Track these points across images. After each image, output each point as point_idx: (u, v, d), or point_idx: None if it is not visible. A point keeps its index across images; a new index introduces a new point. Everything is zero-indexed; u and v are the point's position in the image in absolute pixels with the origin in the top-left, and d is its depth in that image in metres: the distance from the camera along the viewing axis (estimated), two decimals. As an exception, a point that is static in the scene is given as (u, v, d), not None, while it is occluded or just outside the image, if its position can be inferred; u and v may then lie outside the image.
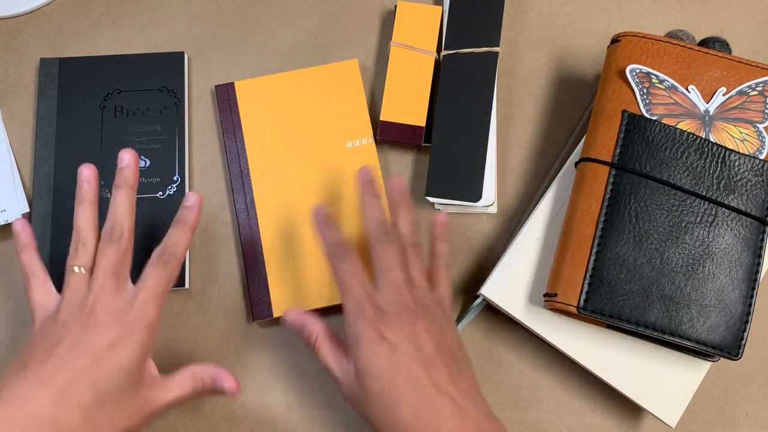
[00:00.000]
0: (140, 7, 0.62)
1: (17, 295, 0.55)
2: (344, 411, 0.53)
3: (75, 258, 0.45)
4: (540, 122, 0.60)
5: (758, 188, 0.49)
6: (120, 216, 0.46)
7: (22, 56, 0.61)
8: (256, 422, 0.53)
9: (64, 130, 0.57)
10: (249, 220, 0.55)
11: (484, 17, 0.58)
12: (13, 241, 0.49)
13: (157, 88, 0.59)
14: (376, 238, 0.46)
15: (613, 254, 0.48)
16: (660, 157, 0.49)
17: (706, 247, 0.48)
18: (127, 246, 0.46)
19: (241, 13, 0.62)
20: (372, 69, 0.61)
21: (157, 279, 0.45)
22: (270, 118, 0.58)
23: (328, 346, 0.46)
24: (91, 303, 0.43)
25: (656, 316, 0.47)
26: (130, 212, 0.46)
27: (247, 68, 0.61)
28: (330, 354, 0.45)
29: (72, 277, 0.45)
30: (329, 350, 0.46)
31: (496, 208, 0.57)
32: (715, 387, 0.54)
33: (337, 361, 0.45)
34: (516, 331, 0.55)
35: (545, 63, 0.61)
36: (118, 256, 0.45)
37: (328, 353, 0.46)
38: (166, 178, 0.57)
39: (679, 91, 0.51)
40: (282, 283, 0.54)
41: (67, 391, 0.40)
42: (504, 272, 0.52)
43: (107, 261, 0.45)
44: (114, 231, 0.45)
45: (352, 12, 0.62)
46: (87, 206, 0.47)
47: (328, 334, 0.46)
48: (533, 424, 0.53)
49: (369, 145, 0.57)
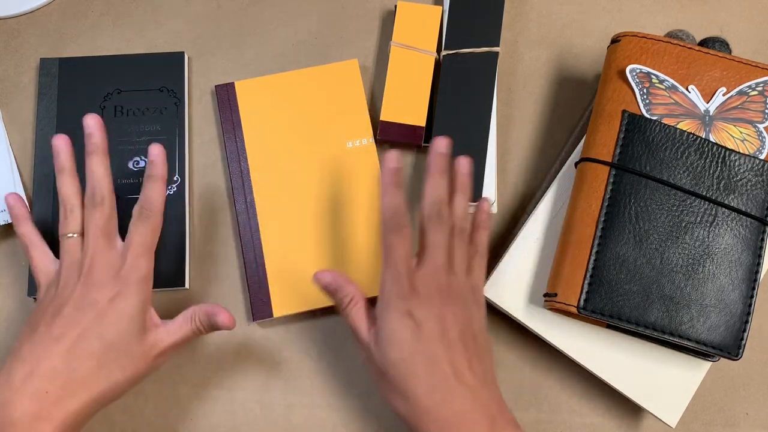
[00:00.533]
0: (140, 7, 0.62)
1: (18, 295, 0.55)
2: (344, 411, 0.53)
3: (66, 226, 0.48)
4: (540, 122, 0.60)
5: (758, 188, 0.49)
6: (98, 180, 0.48)
7: (22, 56, 0.61)
8: (255, 422, 0.53)
9: (64, 130, 0.57)
10: (249, 220, 0.55)
11: (484, 17, 0.58)
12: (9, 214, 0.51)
13: (157, 88, 0.59)
14: (429, 216, 0.47)
15: (613, 254, 0.48)
16: (660, 157, 0.49)
17: (706, 247, 0.48)
18: (111, 207, 0.49)
19: (241, 13, 0.62)
20: (372, 69, 0.61)
21: (143, 234, 0.48)
22: (270, 118, 0.58)
23: (359, 309, 0.47)
24: (88, 264, 0.47)
25: (656, 316, 0.47)
26: (106, 175, 0.49)
27: (247, 68, 0.61)
28: (359, 317, 0.47)
29: (66, 243, 0.48)
30: (359, 314, 0.47)
31: (496, 208, 0.57)
32: (715, 387, 0.54)
33: (366, 325, 0.47)
34: (516, 331, 0.55)
35: (545, 63, 0.61)
36: (104, 218, 0.48)
37: (357, 316, 0.47)
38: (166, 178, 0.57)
39: (679, 91, 0.51)
40: (282, 283, 0.54)
41: (78, 344, 0.44)
42: (504, 272, 0.52)
43: (95, 225, 0.48)
44: (95, 196, 0.48)
45: (352, 12, 0.62)
46: (67, 175, 0.49)
47: (363, 297, 0.48)
48: (533, 424, 0.53)
49: (369, 145, 0.57)
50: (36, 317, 0.46)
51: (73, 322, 0.44)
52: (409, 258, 0.46)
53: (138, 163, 0.57)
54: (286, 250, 0.55)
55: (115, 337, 0.45)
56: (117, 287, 0.46)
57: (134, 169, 0.57)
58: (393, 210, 0.47)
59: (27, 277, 0.55)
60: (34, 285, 0.54)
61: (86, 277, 0.46)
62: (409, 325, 0.44)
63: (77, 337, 0.44)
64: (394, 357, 0.44)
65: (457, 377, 0.43)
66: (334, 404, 0.54)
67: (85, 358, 0.44)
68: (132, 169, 0.57)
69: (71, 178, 0.49)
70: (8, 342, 0.54)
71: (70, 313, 0.45)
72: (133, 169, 0.57)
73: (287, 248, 0.55)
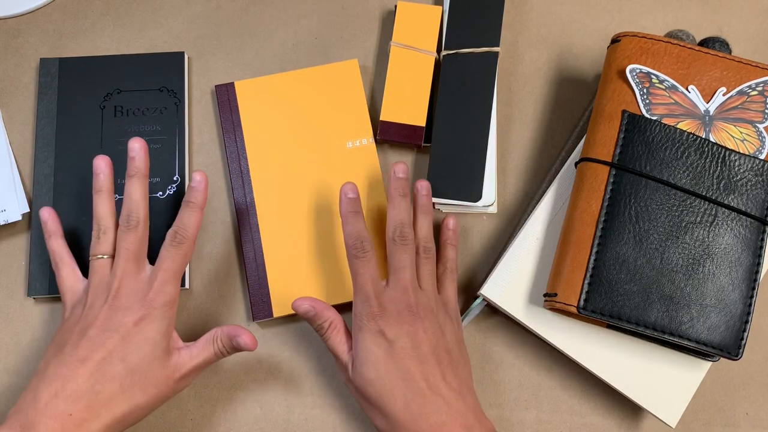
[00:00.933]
0: (140, 7, 0.62)
1: (18, 295, 0.55)
2: (344, 411, 0.53)
3: (98, 246, 0.49)
4: (540, 122, 0.60)
5: (758, 188, 0.49)
6: (135, 204, 0.49)
7: (22, 56, 0.61)
8: (255, 422, 0.53)
9: (64, 130, 0.57)
10: (249, 220, 0.55)
11: (484, 17, 0.58)
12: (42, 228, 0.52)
13: (157, 88, 0.59)
14: (393, 239, 0.49)
15: (613, 254, 0.48)
16: (660, 157, 0.49)
17: (706, 247, 0.48)
18: (144, 231, 0.49)
19: (241, 13, 0.62)
20: (372, 69, 0.61)
21: (173, 259, 0.48)
22: (270, 118, 0.58)
23: (338, 332, 0.49)
24: (116, 287, 0.47)
25: (656, 316, 0.47)
26: (143, 199, 0.50)
27: (247, 68, 0.61)
28: (338, 341, 0.49)
29: (96, 263, 0.49)
30: (338, 338, 0.49)
31: (496, 208, 0.57)
32: (715, 387, 0.54)
33: (343, 348, 0.49)
34: (516, 331, 0.55)
35: (545, 63, 0.61)
36: (137, 242, 0.49)
37: (336, 340, 0.49)
38: (166, 178, 0.57)
39: (679, 91, 0.51)
40: (282, 283, 0.54)
41: (102, 367, 0.44)
42: (504, 272, 0.52)
43: (126, 247, 0.48)
44: (131, 219, 0.49)
45: (352, 12, 0.62)
46: (104, 195, 0.50)
47: (339, 323, 0.50)
48: (533, 424, 0.53)
49: (369, 145, 0.57)
50: (62, 337, 0.47)
51: (98, 345, 0.45)
52: (375, 280, 0.48)
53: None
54: (286, 250, 0.55)
55: (139, 361, 0.45)
56: (142, 311, 0.47)
57: (134, 169, 0.57)
58: (354, 237, 0.49)
59: (27, 277, 0.55)
60: (33, 285, 0.54)
61: (113, 300, 0.47)
62: (381, 344, 0.46)
63: (101, 360, 0.45)
64: (370, 376, 0.46)
65: (432, 390, 0.45)
66: (334, 404, 0.54)
67: (108, 381, 0.44)
68: (132, 169, 0.57)
69: (108, 199, 0.50)
70: (8, 342, 0.55)
71: (95, 335, 0.45)
72: (133, 169, 0.57)
73: (287, 248, 0.55)
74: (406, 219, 0.50)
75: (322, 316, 0.49)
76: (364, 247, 0.49)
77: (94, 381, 0.44)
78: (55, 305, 0.55)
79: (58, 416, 0.42)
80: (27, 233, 0.56)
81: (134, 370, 0.45)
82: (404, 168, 0.52)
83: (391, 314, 0.47)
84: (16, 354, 0.54)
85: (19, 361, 0.54)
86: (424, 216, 0.52)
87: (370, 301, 0.47)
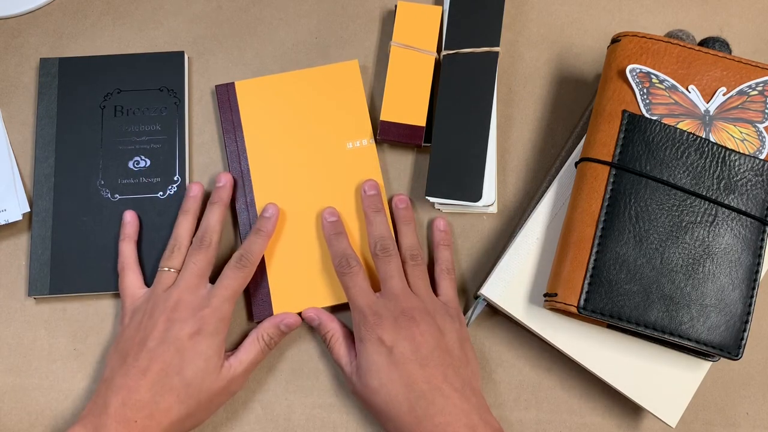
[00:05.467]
0: (140, 7, 0.62)
1: (18, 295, 0.55)
2: (344, 411, 0.53)
3: (169, 260, 0.52)
4: (540, 122, 0.60)
5: (758, 188, 0.49)
6: (212, 227, 0.53)
7: (22, 56, 0.61)
8: (256, 422, 0.53)
9: (64, 130, 0.57)
10: (249, 220, 0.55)
11: (484, 17, 0.58)
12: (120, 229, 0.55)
13: (157, 88, 0.59)
14: (375, 254, 0.52)
15: (613, 254, 0.48)
16: (660, 157, 0.49)
17: (706, 247, 0.48)
18: (213, 253, 0.52)
19: (241, 13, 0.62)
20: (372, 69, 0.61)
21: (234, 279, 0.51)
22: (270, 118, 0.58)
23: (340, 344, 0.51)
24: (175, 299, 0.50)
25: (656, 316, 0.47)
26: (219, 223, 0.53)
27: (247, 68, 0.61)
28: (342, 352, 0.51)
29: (163, 275, 0.52)
30: (341, 348, 0.51)
31: (496, 208, 0.57)
32: (715, 387, 0.54)
33: (348, 358, 0.51)
34: (516, 331, 0.55)
35: (545, 63, 0.61)
36: (205, 260, 0.52)
37: (340, 351, 0.51)
38: (167, 178, 0.57)
39: (679, 91, 0.51)
40: (282, 283, 0.54)
41: (161, 379, 0.47)
42: (504, 272, 0.52)
43: (195, 264, 0.51)
44: (204, 239, 0.52)
45: (352, 12, 0.62)
46: (189, 217, 0.54)
47: (342, 333, 0.52)
48: (533, 424, 0.53)
49: (369, 145, 0.57)
50: (124, 345, 0.49)
51: (157, 356, 0.48)
52: (367, 292, 0.50)
53: (138, 162, 0.57)
54: (286, 250, 0.55)
55: (193, 376, 0.48)
56: (198, 325, 0.49)
57: (134, 169, 0.57)
58: (339, 256, 0.52)
59: (27, 277, 0.55)
60: (34, 285, 0.54)
61: (171, 312, 0.49)
62: (382, 351, 0.48)
63: (160, 371, 0.47)
64: (374, 385, 0.47)
65: (434, 392, 0.46)
66: (334, 404, 0.54)
67: (167, 392, 0.47)
68: (132, 169, 0.57)
69: (191, 222, 0.54)
70: (9, 341, 0.55)
71: (154, 348, 0.48)
72: (134, 169, 0.57)
73: (287, 248, 0.55)
74: (384, 232, 0.53)
75: (326, 327, 0.52)
76: (350, 263, 0.51)
77: (154, 392, 0.47)
78: (55, 305, 0.55)
79: (125, 422, 0.46)
80: (27, 233, 0.56)
81: (190, 383, 0.48)
82: (373, 184, 0.55)
83: (387, 321, 0.48)
84: (18, 354, 0.54)
85: (20, 361, 0.54)
86: (406, 226, 0.54)
87: (365, 311, 0.49)
